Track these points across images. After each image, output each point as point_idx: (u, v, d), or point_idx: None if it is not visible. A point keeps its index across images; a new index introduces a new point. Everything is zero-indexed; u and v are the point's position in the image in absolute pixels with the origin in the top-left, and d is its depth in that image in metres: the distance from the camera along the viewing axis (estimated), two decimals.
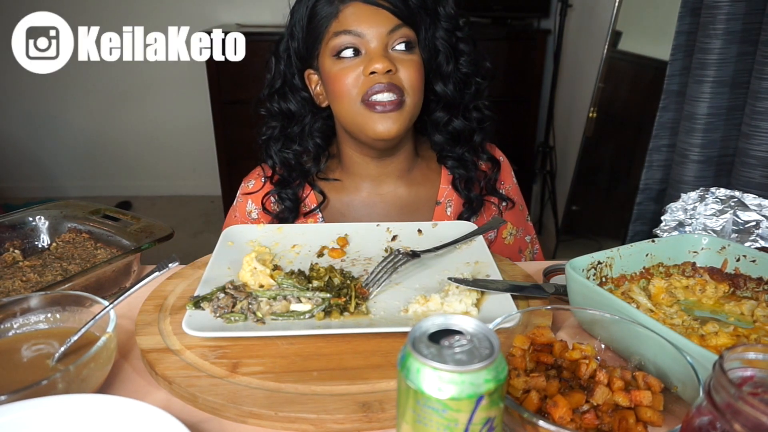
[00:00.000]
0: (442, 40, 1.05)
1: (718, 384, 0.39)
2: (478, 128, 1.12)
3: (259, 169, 1.17)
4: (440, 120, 1.10)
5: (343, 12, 0.98)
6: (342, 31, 0.97)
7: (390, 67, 0.96)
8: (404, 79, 0.98)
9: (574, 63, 3.19)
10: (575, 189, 2.74)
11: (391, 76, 0.97)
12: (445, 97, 1.08)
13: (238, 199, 1.16)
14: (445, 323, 0.45)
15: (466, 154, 1.12)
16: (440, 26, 1.04)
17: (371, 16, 0.97)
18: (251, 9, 3.65)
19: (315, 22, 1.01)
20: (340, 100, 1.00)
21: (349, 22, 0.97)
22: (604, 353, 0.65)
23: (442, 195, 1.15)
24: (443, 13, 1.04)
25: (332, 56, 0.99)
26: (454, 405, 0.40)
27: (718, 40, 1.20)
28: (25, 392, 0.54)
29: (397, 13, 0.98)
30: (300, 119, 1.11)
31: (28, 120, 3.90)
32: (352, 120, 1.00)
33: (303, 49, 1.05)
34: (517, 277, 0.89)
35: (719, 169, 1.30)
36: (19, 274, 0.87)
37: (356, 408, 0.60)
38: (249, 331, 0.71)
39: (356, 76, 0.97)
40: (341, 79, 0.98)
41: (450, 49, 1.06)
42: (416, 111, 1.02)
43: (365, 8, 0.97)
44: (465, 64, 1.08)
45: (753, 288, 0.79)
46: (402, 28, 0.98)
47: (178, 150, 4.03)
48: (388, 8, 0.97)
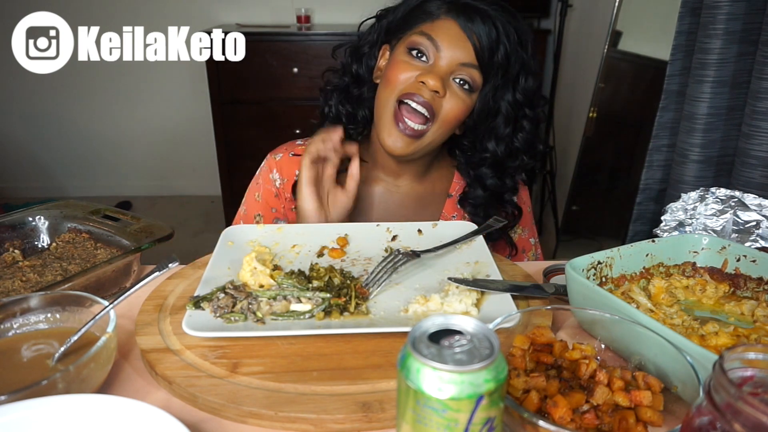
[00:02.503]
0: (508, 105, 1.05)
1: (718, 384, 0.39)
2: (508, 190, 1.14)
3: (286, 145, 1.20)
4: (484, 176, 1.12)
5: (440, 20, 1.01)
6: (427, 35, 1.00)
7: (439, 89, 0.98)
8: (444, 108, 1.00)
9: (574, 63, 3.19)
10: (575, 189, 2.74)
11: (434, 97, 0.99)
12: (494, 156, 1.09)
13: (263, 168, 1.19)
14: (445, 323, 0.45)
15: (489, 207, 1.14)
16: (513, 93, 1.05)
17: (458, 39, 0.99)
18: (251, 9, 3.65)
19: (416, 12, 1.04)
20: (384, 87, 1.03)
21: (438, 32, 1.00)
22: (604, 353, 0.65)
23: (454, 188, 1.19)
24: (522, 84, 1.06)
25: (406, 48, 1.02)
26: (454, 405, 0.40)
27: (718, 40, 1.20)
28: (25, 392, 0.54)
29: (479, 53, 0.99)
30: (361, 84, 1.13)
31: (27, 120, 3.89)
32: (381, 112, 1.04)
33: (394, 25, 1.08)
34: (517, 277, 0.89)
35: (719, 169, 1.30)
36: (19, 274, 0.87)
37: (356, 408, 0.60)
38: (249, 331, 0.71)
39: (409, 76, 1.00)
40: (397, 69, 1.02)
41: (512, 118, 1.07)
42: (437, 141, 1.05)
43: (457, 30, 0.99)
44: (521, 140, 1.09)
45: (753, 288, 0.79)
46: (474, 68, 1.00)
47: (178, 150, 4.03)
48: (474, 44, 0.99)
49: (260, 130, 3.20)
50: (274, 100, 3.15)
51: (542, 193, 3.34)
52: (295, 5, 3.49)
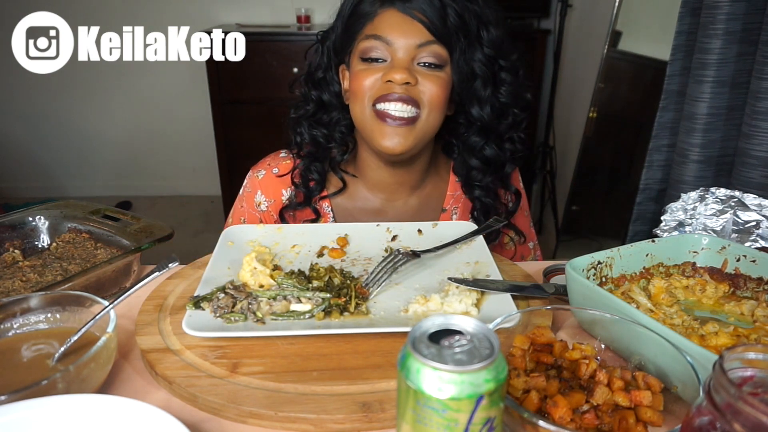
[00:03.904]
0: (480, 64, 1.01)
1: (718, 384, 0.39)
2: (510, 159, 1.10)
3: (269, 159, 1.17)
4: (476, 145, 1.08)
5: (378, 16, 0.98)
6: (373, 36, 0.98)
7: (408, 80, 0.95)
8: (423, 94, 0.97)
9: (574, 63, 3.19)
10: (575, 189, 2.74)
11: (408, 88, 0.96)
12: (481, 121, 1.05)
13: (246, 189, 1.16)
14: (445, 323, 0.45)
15: (491, 184, 1.11)
16: (480, 50, 1.01)
17: (404, 26, 0.96)
18: (251, 9, 3.65)
19: (353, 20, 1.01)
20: (355, 101, 1.01)
21: (382, 27, 0.97)
22: (604, 353, 0.65)
23: (449, 202, 1.16)
24: (486, 38, 1.01)
25: (360, 57, 1.00)
26: (454, 405, 0.40)
27: (718, 40, 1.19)
28: (25, 392, 0.54)
29: (431, 28, 0.96)
30: (330, 110, 1.11)
31: (28, 120, 3.90)
32: (363, 125, 1.01)
33: (339, 44, 1.06)
34: (517, 277, 0.89)
35: (719, 169, 1.30)
36: (19, 274, 0.87)
37: (356, 408, 0.60)
38: (249, 331, 0.71)
39: (374, 81, 0.98)
40: (360, 80, 0.99)
41: (489, 75, 1.02)
42: (431, 128, 1.01)
43: (400, 17, 0.96)
44: (505, 94, 1.05)
45: (753, 288, 0.79)
46: (433, 44, 0.97)
47: (178, 150, 4.03)
48: (422, 21, 0.96)
49: (260, 130, 3.20)
50: (274, 100, 3.15)
51: (542, 193, 3.34)
52: (295, 5, 3.49)
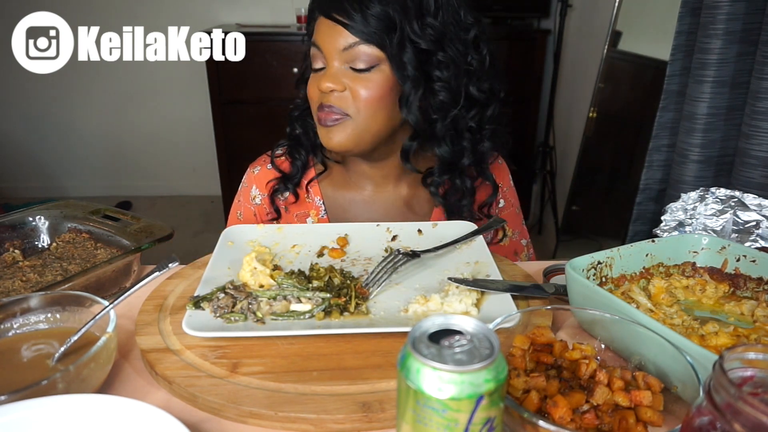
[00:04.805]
0: (409, 64, 0.94)
1: (718, 384, 0.39)
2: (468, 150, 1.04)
3: (265, 156, 1.18)
4: (409, 148, 1.02)
5: (316, 25, 0.98)
6: (313, 44, 0.98)
7: (334, 87, 0.94)
8: (353, 99, 0.95)
9: (574, 63, 3.19)
10: (575, 189, 2.75)
11: (336, 97, 0.95)
12: (417, 126, 0.98)
13: (243, 184, 1.17)
14: (445, 323, 0.45)
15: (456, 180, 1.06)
16: (410, 47, 0.93)
17: (329, 32, 0.94)
18: (251, 9, 3.65)
19: (310, 28, 1.02)
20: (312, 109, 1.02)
21: (318, 35, 0.97)
22: (604, 353, 0.65)
23: None
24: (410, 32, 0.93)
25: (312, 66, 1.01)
26: (454, 405, 0.40)
27: (718, 40, 1.19)
28: (25, 392, 0.54)
29: (353, 29, 0.92)
30: None
31: (28, 120, 3.90)
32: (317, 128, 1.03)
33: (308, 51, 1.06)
34: (517, 277, 0.89)
35: (719, 169, 1.30)
36: (19, 274, 0.87)
37: (356, 408, 0.60)
38: (249, 331, 0.71)
39: (315, 90, 0.99)
40: (308, 89, 1.01)
41: (416, 74, 0.94)
42: (370, 126, 0.97)
43: (326, 24, 0.95)
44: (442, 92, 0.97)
45: (753, 288, 0.79)
46: (359, 46, 0.93)
47: (178, 150, 4.03)
48: (345, 24, 0.92)
49: (260, 130, 3.20)
50: (274, 100, 3.15)
51: (542, 193, 3.34)
52: (295, 5, 3.49)
